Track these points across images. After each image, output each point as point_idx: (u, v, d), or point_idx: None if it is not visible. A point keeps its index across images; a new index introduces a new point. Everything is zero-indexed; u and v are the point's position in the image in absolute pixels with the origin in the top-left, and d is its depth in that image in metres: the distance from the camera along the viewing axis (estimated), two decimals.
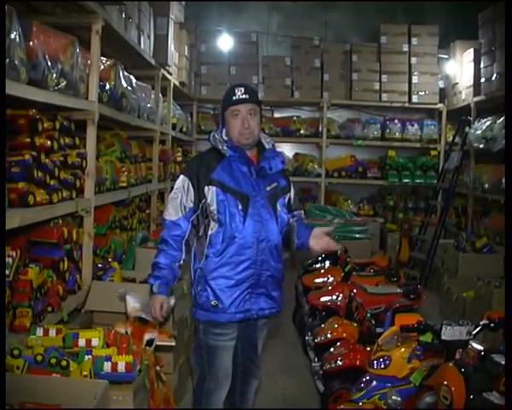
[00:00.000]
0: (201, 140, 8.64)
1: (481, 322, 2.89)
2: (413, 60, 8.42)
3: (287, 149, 9.01)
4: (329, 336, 3.79)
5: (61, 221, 3.54)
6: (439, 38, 8.41)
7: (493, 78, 6.48)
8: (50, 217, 3.19)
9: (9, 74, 2.47)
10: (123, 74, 4.34)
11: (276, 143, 2.91)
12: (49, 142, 3.15)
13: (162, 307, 2.63)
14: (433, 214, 7.63)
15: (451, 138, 7.80)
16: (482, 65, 6.92)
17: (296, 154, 9.08)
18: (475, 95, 7.19)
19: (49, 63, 2.94)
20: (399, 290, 4.32)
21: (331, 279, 4.83)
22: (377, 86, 8.47)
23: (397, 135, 8.70)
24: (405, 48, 8.42)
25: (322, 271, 5.09)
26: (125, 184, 4.64)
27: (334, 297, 4.41)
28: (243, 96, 2.65)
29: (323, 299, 4.46)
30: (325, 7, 8.96)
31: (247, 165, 2.70)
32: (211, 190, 2.63)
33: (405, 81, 8.45)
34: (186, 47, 7.06)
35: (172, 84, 6.45)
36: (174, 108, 6.85)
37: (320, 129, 8.73)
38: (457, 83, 7.99)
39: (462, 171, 7.07)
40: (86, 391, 2.26)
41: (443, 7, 8.84)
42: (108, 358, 2.49)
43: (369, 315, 3.62)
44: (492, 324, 2.86)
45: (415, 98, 8.47)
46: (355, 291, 4.20)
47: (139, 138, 5.61)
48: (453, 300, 5.45)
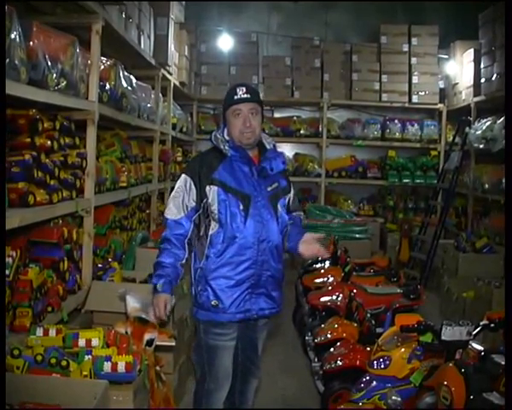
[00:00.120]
0: (201, 140, 8.65)
1: (481, 322, 2.89)
2: (413, 60, 8.41)
3: (287, 149, 9.00)
4: (329, 336, 3.79)
5: (61, 221, 3.54)
6: (439, 38, 8.41)
7: (493, 78, 6.48)
8: (50, 217, 3.19)
9: (9, 74, 2.47)
10: (123, 74, 4.34)
11: (277, 144, 2.91)
12: (49, 142, 3.15)
13: (166, 307, 2.61)
14: (433, 214, 7.64)
15: (451, 138, 7.80)
16: (482, 65, 6.92)
17: (296, 154, 9.08)
18: (475, 95, 7.19)
19: (50, 63, 2.94)
20: (399, 291, 4.32)
21: (331, 279, 4.84)
22: (377, 86, 8.47)
23: (397, 135, 8.69)
24: (405, 48, 8.42)
25: (322, 271, 5.09)
26: (125, 184, 4.64)
27: (334, 297, 4.41)
28: (245, 95, 2.65)
29: (323, 299, 4.46)
30: (325, 7, 8.96)
31: (249, 165, 2.69)
32: (212, 190, 2.63)
33: (405, 81, 8.45)
34: (186, 47, 7.05)
35: (172, 84, 6.45)
36: (174, 108, 6.85)
37: (320, 129, 8.73)
38: (457, 83, 7.99)
39: (462, 171, 7.07)
40: (86, 391, 2.26)
41: (443, 7, 8.83)
42: (108, 358, 2.49)
43: (369, 315, 3.62)
44: (492, 324, 2.86)
45: (415, 98, 8.47)
46: (355, 291, 4.20)
47: (139, 138, 5.61)
48: (453, 300, 5.45)
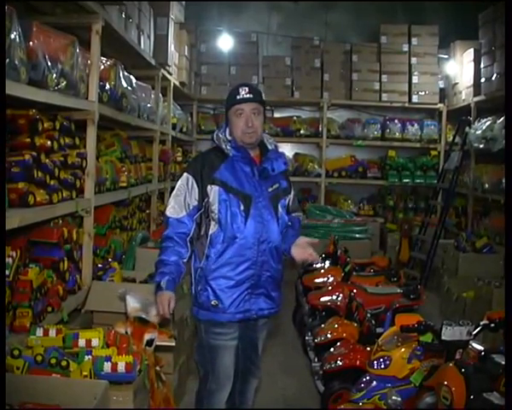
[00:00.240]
0: (201, 140, 8.65)
1: (481, 322, 2.89)
2: (413, 60, 8.41)
3: (287, 149, 9.00)
4: (329, 336, 3.79)
5: (61, 221, 3.54)
6: (439, 38, 8.41)
7: (493, 78, 6.47)
8: (50, 217, 3.19)
9: (9, 74, 2.47)
10: (123, 74, 4.34)
11: (277, 144, 2.91)
12: (49, 142, 3.15)
13: (170, 304, 2.57)
14: (433, 214, 7.64)
15: (451, 138, 7.80)
16: (482, 65, 6.92)
17: (296, 154, 9.08)
18: (475, 95, 7.19)
19: (49, 63, 2.94)
20: (399, 290, 4.33)
21: (331, 279, 4.84)
22: (377, 86, 8.47)
23: (397, 135, 8.69)
24: (405, 48, 8.42)
25: (322, 271, 5.09)
26: (125, 184, 4.63)
27: (334, 297, 4.41)
28: (247, 95, 2.65)
29: (323, 299, 4.46)
30: (325, 7, 8.96)
31: (250, 165, 2.69)
32: (213, 190, 2.62)
33: (405, 81, 8.45)
34: (186, 47, 7.05)
35: (172, 84, 6.45)
36: (174, 108, 6.85)
37: (320, 129, 8.73)
38: (457, 83, 7.99)
39: (462, 171, 7.07)
40: (86, 391, 2.26)
41: (443, 7, 8.83)
42: (108, 358, 2.49)
43: (369, 315, 3.62)
44: (492, 324, 2.86)
45: (415, 98, 8.47)
46: (355, 291, 4.20)
47: (139, 138, 5.61)
48: (453, 300, 5.44)
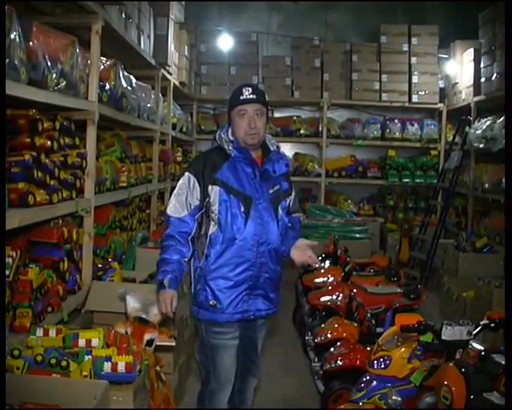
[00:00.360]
0: (201, 140, 8.66)
1: (481, 322, 2.89)
2: (413, 60, 8.41)
3: (287, 149, 9.00)
4: (329, 336, 3.79)
5: (61, 221, 3.54)
6: (439, 38, 8.40)
7: (493, 77, 6.47)
8: (50, 217, 3.19)
9: (9, 74, 2.47)
10: (123, 74, 4.34)
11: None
12: (49, 142, 3.15)
13: (172, 303, 2.56)
14: (433, 214, 7.64)
15: (451, 138, 7.80)
16: (482, 65, 6.91)
17: (296, 154, 9.08)
18: (475, 94, 7.18)
19: (49, 63, 2.94)
20: (399, 290, 4.32)
21: (331, 279, 4.84)
22: (377, 86, 8.47)
23: (397, 135, 8.69)
24: (405, 48, 8.41)
25: (322, 271, 5.09)
26: (125, 184, 4.64)
27: (334, 297, 4.41)
28: (250, 96, 2.64)
29: (323, 299, 4.46)
30: (325, 7, 8.95)
31: (252, 166, 2.68)
32: (214, 190, 2.62)
33: (405, 81, 8.44)
34: (186, 47, 7.05)
35: (172, 84, 6.45)
36: (174, 108, 6.84)
37: (320, 129, 8.73)
38: (457, 83, 7.99)
39: (462, 171, 7.07)
40: (86, 391, 2.26)
41: (443, 7, 8.83)
42: (108, 358, 2.49)
43: (370, 315, 3.61)
44: (493, 324, 2.86)
45: (415, 98, 8.47)
46: (355, 291, 4.20)
47: (139, 138, 5.61)
48: (453, 300, 5.44)
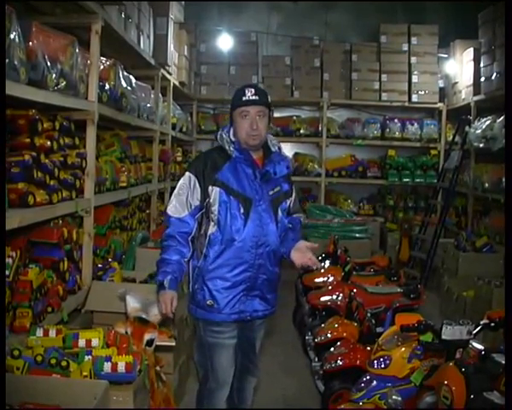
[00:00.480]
0: (201, 140, 8.65)
1: (482, 321, 2.89)
2: (413, 59, 8.40)
3: (287, 149, 8.89)
4: (329, 335, 3.79)
5: (61, 221, 3.54)
6: (439, 38, 8.39)
7: (493, 77, 6.47)
8: (50, 217, 3.19)
9: (9, 75, 2.47)
10: (122, 74, 4.34)
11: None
12: (49, 142, 3.15)
13: (173, 303, 2.57)
14: (434, 214, 7.63)
15: (451, 138, 7.80)
16: (482, 64, 6.91)
17: (296, 153, 9.06)
18: (475, 94, 7.18)
19: (49, 63, 2.94)
20: (399, 290, 4.32)
21: (331, 279, 4.83)
22: (377, 86, 8.46)
23: (397, 134, 8.68)
24: (405, 47, 8.40)
25: (322, 270, 5.09)
26: (125, 184, 4.64)
27: (334, 297, 4.41)
28: (253, 97, 2.62)
29: (323, 299, 4.46)
30: (325, 7, 8.94)
31: (252, 168, 2.68)
32: (214, 191, 2.62)
33: (405, 81, 8.43)
34: (186, 47, 7.05)
35: (172, 84, 6.45)
36: (174, 108, 6.84)
37: (320, 129, 8.72)
38: (457, 82, 7.98)
39: (462, 170, 7.07)
40: (86, 392, 2.26)
41: (443, 6, 8.82)
42: (108, 358, 2.49)
43: (370, 315, 3.62)
44: (493, 323, 2.87)
45: (414, 98, 8.46)
46: (355, 291, 4.20)
47: (139, 138, 5.61)
48: (453, 299, 5.44)
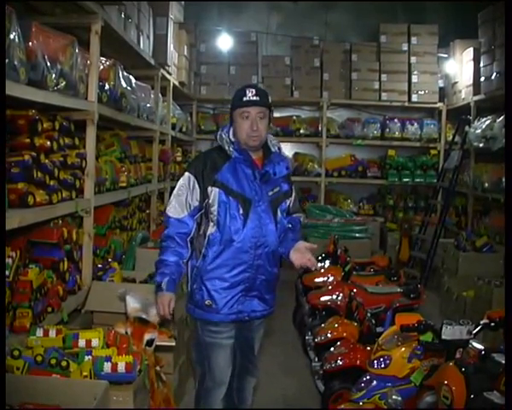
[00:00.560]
0: (201, 140, 8.65)
1: (482, 321, 2.89)
2: (413, 59, 8.40)
3: (286, 149, 8.99)
4: (329, 335, 3.79)
5: (61, 222, 3.54)
6: (439, 38, 8.39)
7: (493, 77, 6.47)
8: (50, 217, 3.19)
9: (9, 75, 2.46)
10: (122, 74, 4.34)
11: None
12: (49, 142, 3.15)
13: (170, 305, 2.60)
14: (433, 214, 7.63)
15: (451, 137, 7.80)
16: (482, 64, 6.91)
17: (296, 153, 9.07)
18: (475, 94, 7.18)
19: (49, 64, 2.94)
20: (399, 290, 4.32)
21: (331, 279, 4.83)
22: (377, 86, 8.46)
23: (396, 134, 8.68)
24: (405, 47, 8.40)
25: (322, 270, 5.09)
26: (125, 185, 4.63)
27: (334, 297, 4.41)
28: (254, 97, 2.61)
29: (323, 298, 4.46)
30: (325, 7, 8.94)
31: (252, 168, 2.67)
32: (214, 191, 2.62)
33: (405, 80, 8.43)
34: (186, 47, 7.05)
35: (172, 84, 6.45)
36: (174, 108, 6.84)
37: (320, 128, 8.72)
38: (457, 82, 7.98)
39: (462, 170, 7.07)
40: (86, 392, 2.26)
41: (442, 6, 8.82)
42: (108, 358, 2.49)
43: (370, 315, 3.62)
44: (493, 323, 2.87)
45: (414, 97, 8.45)
46: (355, 291, 4.20)
47: (139, 138, 5.60)
48: (453, 299, 5.45)
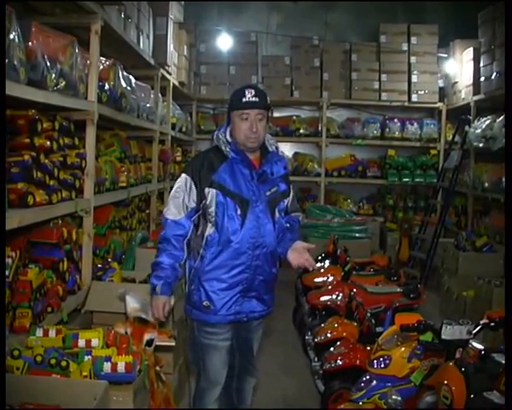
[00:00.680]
0: (201, 140, 8.65)
1: (481, 321, 2.89)
2: (412, 59, 8.40)
3: (286, 149, 9.01)
4: (329, 335, 3.79)
5: (61, 221, 3.54)
6: (439, 37, 8.39)
7: (493, 76, 6.47)
8: (50, 217, 3.19)
9: (9, 75, 2.46)
10: (122, 74, 4.33)
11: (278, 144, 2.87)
12: (49, 142, 3.15)
13: (164, 308, 2.62)
14: (433, 213, 7.64)
15: (451, 137, 7.80)
16: (482, 64, 6.91)
17: (296, 153, 9.07)
18: (475, 94, 7.18)
19: (49, 63, 2.94)
20: (399, 290, 4.33)
21: (331, 279, 4.84)
22: (377, 85, 8.46)
23: (396, 134, 8.68)
24: (405, 47, 8.40)
25: (321, 270, 5.09)
26: (125, 184, 4.63)
27: (333, 297, 4.41)
28: (253, 98, 2.59)
29: (323, 298, 4.46)
30: (325, 7, 8.94)
31: (249, 168, 2.66)
32: (211, 192, 2.61)
33: (405, 80, 8.43)
34: (185, 47, 7.05)
35: (172, 83, 6.45)
36: (173, 108, 6.84)
37: (320, 128, 8.71)
38: (457, 82, 7.98)
39: (461, 170, 7.07)
40: (86, 392, 2.26)
41: (442, 6, 8.82)
42: (108, 358, 2.48)
43: (369, 314, 3.62)
44: (493, 323, 2.87)
45: (414, 97, 8.45)
46: (355, 291, 4.20)
47: (139, 138, 5.60)
48: (453, 299, 5.44)
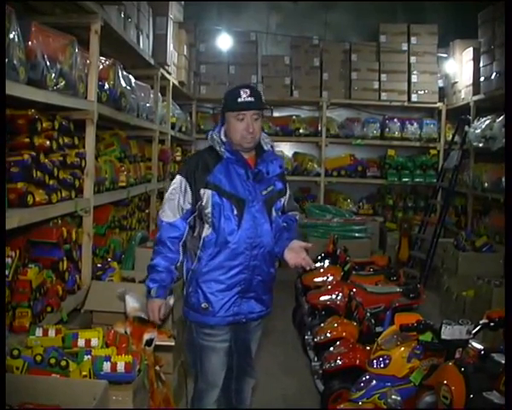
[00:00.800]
0: (201, 140, 8.65)
1: (481, 321, 2.89)
2: (412, 59, 8.40)
3: (286, 149, 9.01)
4: (329, 335, 3.80)
5: (61, 221, 3.54)
6: (439, 37, 8.39)
7: (493, 76, 6.47)
8: (49, 217, 3.19)
9: (8, 74, 2.46)
10: (122, 74, 4.33)
11: (276, 143, 2.88)
12: (48, 142, 3.15)
13: (160, 311, 2.62)
14: (433, 213, 7.64)
15: (451, 137, 7.80)
16: (481, 64, 6.91)
17: (295, 153, 9.07)
18: (475, 94, 7.18)
19: (48, 63, 2.94)
20: (399, 290, 4.33)
21: (331, 278, 4.84)
22: (376, 85, 8.45)
23: (396, 134, 8.68)
24: (405, 47, 8.40)
25: (321, 270, 5.09)
26: (125, 184, 4.63)
27: (333, 296, 4.41)
28: (249, 98, 2.57)
29: (323, 298, 4.47)
30: (325, 7, 8.94)
31: (245, 168, 2.64)
32: (206, 193, 2.59)
33: (405, 80, 8.43)
34: (185, 46, 7.05)
35: (172, 83, 6.45)
36: (173, 108, 6.84)
37: (319, 128, 8.71)
38: (457, 82, 7.98)
39: (461, 170, 7.07)
40: (86, 391, 2.26)
41: (442, 6, 8.82)
42: (108, 358, 2.49)
43: (369, 314, 3.62)
44: (492, 323, 2.86)
45: (414, 97, 8.45)
46: (354, 290, 4.20)
47: (138, 138, 5.60)
48: (453, 299, 5.45)
